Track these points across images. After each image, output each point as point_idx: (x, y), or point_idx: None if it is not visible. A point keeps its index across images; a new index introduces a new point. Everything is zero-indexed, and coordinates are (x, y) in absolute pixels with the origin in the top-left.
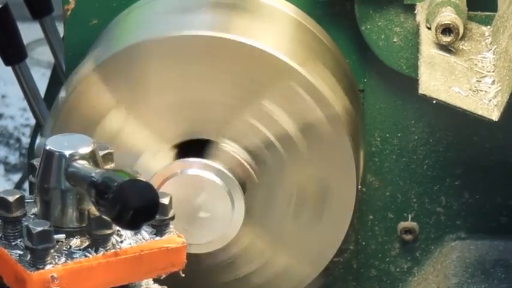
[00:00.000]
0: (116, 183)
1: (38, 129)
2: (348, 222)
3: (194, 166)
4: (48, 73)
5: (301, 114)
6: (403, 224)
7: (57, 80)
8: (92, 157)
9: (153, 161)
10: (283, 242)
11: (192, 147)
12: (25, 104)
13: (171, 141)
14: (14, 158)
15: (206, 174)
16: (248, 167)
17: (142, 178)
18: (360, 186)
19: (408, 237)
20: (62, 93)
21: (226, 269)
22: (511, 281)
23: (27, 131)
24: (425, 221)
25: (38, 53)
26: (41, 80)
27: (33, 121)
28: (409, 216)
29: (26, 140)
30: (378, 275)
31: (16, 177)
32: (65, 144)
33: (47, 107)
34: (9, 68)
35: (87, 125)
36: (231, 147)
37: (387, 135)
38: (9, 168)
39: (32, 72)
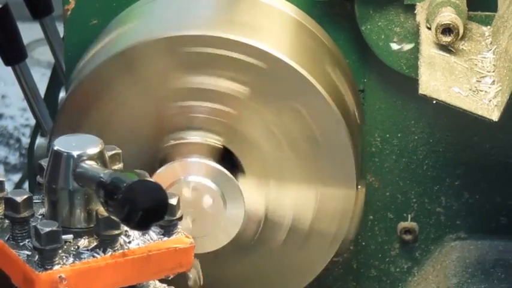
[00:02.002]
0: (125, 184)
1: (38, 129)
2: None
3: (194, 166)
4: (48, 73)
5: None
6: (403, 224)
7: (57, 80)
8: (100, 157)
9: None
10: (299, 180)
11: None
12: (25, 104)
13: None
14: (14, 158)
15: (202, 180)
16: (214, 142)
17: (150, 179)
18: (360, 186)
19: (408, 237)
20: (62, 94)
21: (269, 235)
22: (511, 281)
23: (27, 131)
24: (425, 221)
25: (38, 53)
26: (41, 80)
27: (33, 121)
28: (409, 216)
29: (26, 140)
30: (377, 275)
31: (16, 177)
32: (72, 144)
33: (47, 107)
34: (9, 68)
35: (87, 126)
36: (195, 138)
37: (387, 135)
38: (9, 168)
39: (32, 72)
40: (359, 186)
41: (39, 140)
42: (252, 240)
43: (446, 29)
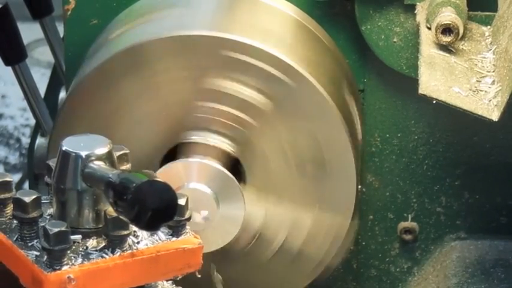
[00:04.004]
0: (134, 184)
1: (38, 129)
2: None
3: (194, 166)
4: (48, 73)
5: (252, 80)
6: (403, 224)
7: (57, 80)
8: (108, 158)
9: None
10: (299, 200)
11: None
12: (25, 104)
13: (161, 150)
14: (14, 158)
15: (197, 186)
16: (230, 149)
17: (160, 179)
18: (360, 186)
19: (408, 237)
20: (62, 94)
21: (259, 249)
22: (511, 281)
23: (27, 131)
24: (425, 221)
25: (38, 53)
26: (41, 80)
27: (33, 121)
28: (409, 216)
29: (26, 140)
30: (377, 275)
31: (16, 177)
32: (81, 144)
33: (47, 107)
34: (9, 68)
35: (88, 126)
36: (204, 139)
37: (387, 135)
38: (9, 168)
39: (32, 72)
40: (354, 218)
41: (39, 140)
42: (242, 251)
43: (446, 29)
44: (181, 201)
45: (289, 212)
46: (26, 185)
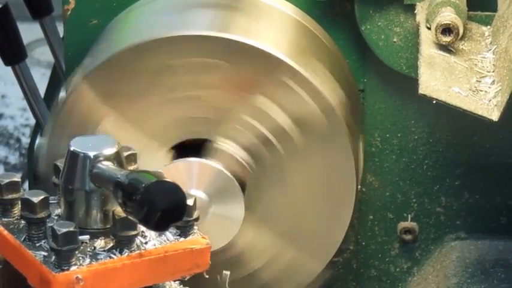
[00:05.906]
0: (143, 185)
1: (38, 129)
2: (350, 216)
3: (194, 166)
4: (48, 73)
5: (294, 108)
6: (402, 224)
7: (57, 80)
8: (116, 158)
9: (152, 163)
10: (288, 236)
11: (190, 148)
12: (25, 104)
13: (168, 143)
14: (14, 158)
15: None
16: (246, 164)
17: (168, 179)
18: (360, 186)
19: (408, 237)
20: (61, 94)
21: (233, 267)
22: (510, 281)
23: (27, 131)
24: (425, 221)
25: (38, 53)
26: (41, 80)
27: (33, 121)
28: (409, 216)
29: (26, 140)
30: (377, 275)
31: None
32: (89, 145)
33: (47, 107)
34: (9, 68)
35: (85, 127)
36: (228, 146)
37: (387, 135)
38: (9, 168)
39: (32, 72)
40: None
41: (39, 140)
42: (226, 260)
43: (446, 29)
44: (189, 202)
45: (274, 244)
46: (26, 185)
